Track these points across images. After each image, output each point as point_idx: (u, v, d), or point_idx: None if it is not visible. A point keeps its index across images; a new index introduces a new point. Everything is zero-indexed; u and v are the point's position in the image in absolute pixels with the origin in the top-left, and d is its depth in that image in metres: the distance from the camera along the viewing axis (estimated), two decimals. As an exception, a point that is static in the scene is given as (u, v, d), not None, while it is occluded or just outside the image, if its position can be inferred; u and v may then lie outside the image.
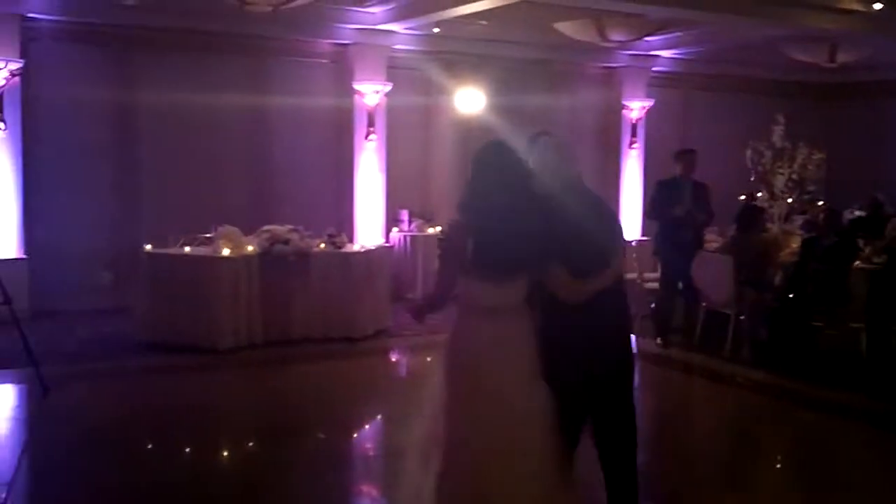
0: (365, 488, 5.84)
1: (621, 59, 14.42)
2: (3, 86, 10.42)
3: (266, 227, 9.61)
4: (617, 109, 14.82)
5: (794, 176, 10.80)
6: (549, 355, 4.10)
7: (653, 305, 10.36)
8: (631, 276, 10.57)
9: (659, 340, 9.61)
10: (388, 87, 12.71)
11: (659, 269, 10.06)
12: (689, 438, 7.06)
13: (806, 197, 11.07)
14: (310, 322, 9.50)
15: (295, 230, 9.61)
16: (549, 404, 4.04)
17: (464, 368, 4.06)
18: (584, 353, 4.15)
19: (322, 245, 9.76)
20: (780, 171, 10.78)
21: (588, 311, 4.13)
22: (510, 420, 3.99)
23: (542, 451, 4.04)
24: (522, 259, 4.03)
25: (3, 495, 5.40)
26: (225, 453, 6.63)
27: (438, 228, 11.94)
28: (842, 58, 12.12)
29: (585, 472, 6.00)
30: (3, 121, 10.46)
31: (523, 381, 4.05)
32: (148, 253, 9.36)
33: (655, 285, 10.19)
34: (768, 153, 10.85)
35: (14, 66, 10.45)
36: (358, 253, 9.91)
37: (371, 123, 12.68)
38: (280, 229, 9.54)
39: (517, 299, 4.08)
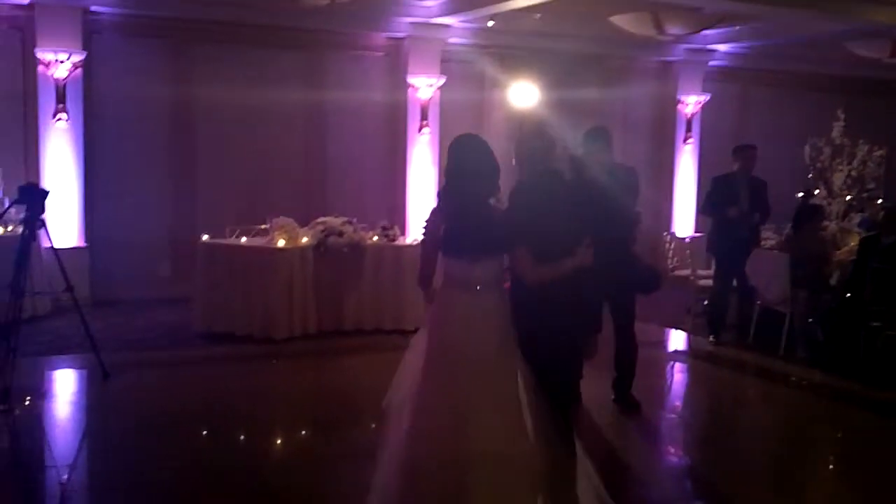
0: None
1: (677, 52, 14.30)
2: (66, 77, 10.63)
3: (320, 219, 9.69)
4: (672, 104, 14.70)
5: (853, 173, 10.63)
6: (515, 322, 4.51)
7: (705, 302, 10.29)
8: (683, 272, 10.52)
9: (711, 338, 9.54)
10: (442, 81, 12.75)
11: (713, 266, 9.97)
12: (741, 438, 7.00)
13: (865, 195, 10.87)
14: (362, 313, 9.58)
15: (349, 222, 9.68)
16: (518, 366, 4.39)
17: (443, 334, 4.47)
18: (537, 326, 4.50)
19: (375, 237, 9.83)
20: (840, 167, 10.62)
21: (544, 292, 4.48)
22: (482, 379, 4.33)
23: (513, 407, 4.34)
24: (487, 242, 4.44)
25: (66, 476, 5.56)
26: (278, 442, 6.70)
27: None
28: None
29: (642, 471, 6.05)
30: (65, 111, 10.67)
31: (494, 345, 4.41)
32: (205, 243, 9.49)
33: (709, 282, 10.11)
34: (827, 150, 10.69)
35: (77, 58, 10.67)
36: (410, 246, 9.92)
37: (424, 117, 12.74)
38: (334, 221, 9.62)
39: (490, 275, 4.48)
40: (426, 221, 4.67)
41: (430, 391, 4.38)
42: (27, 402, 7.02)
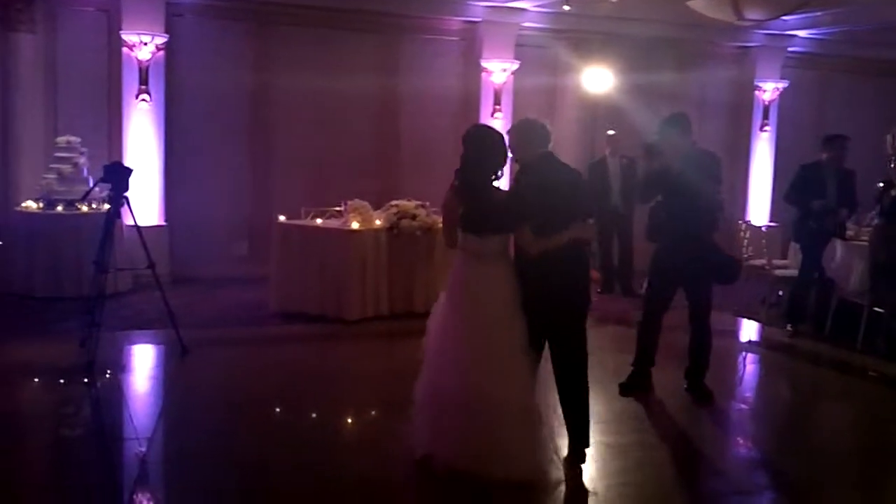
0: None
1: (755, 38, 14.05)
2: (149, 60, 10.86)
3: (394, 202, 9.77)
4: (749, 90, 14.45)
5: (935, 163, 10.32)
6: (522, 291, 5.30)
7: (780, 293, 10.13)
8: (758, 261, 10.37)
9: (789, 327, 9.39)
10: (516, 66, 12.71)
11: (799, 255, 9.75)
12: (814, 431, 6.91)
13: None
14: (433, 296, 9.52)
15: (422, 206, 9.74)
16: (523, 327, 5.22)
17: (460, 297, 5.29)
18: (539, 295, 5.27)
19: (448, 221, 9.85)
20: (922, 158, 10.32)
21: (544, 262, 5.22)
22: (492, 336, 5.17)
23: (516, 357, 5.18)
24: (496, 220, 5.25)
25: (143, 448, 5.68)
26: (349, 421, 6.78)
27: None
28: None
29: (713, 462, 6.01)
30: (148, 93, 10.91)
31: (502, 308, 5.22)
32: (281, 224, 9.64)
33: (785, 272, 9.95)
34: (909, 139, 10.40)
35: (159, 40, 10.89)
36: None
37: (497, 101, 12.73)
38: (407, 204, 9.69)
39: (498, 248, 5.31)
40: (444, 200, 5.41)
41: (449, 346, 5.25)
42: (108, 375, 7.20)
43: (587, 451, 5.54)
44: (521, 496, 5.07)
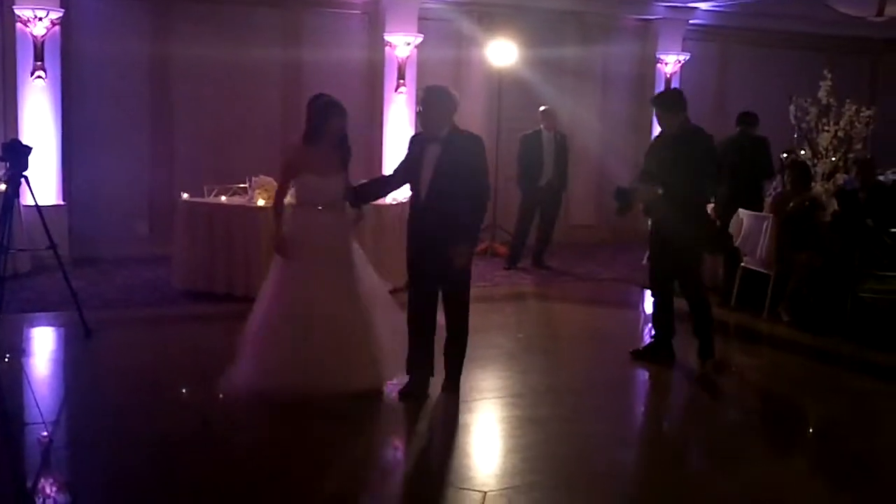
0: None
1: (657, 10, 14.24)
2: (44, 35, 10.48)
3: (302, 178, 9.63)
4: (651, 63, 14.65)
5: (840, 133, 10.55)
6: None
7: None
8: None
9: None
10: (420, 39, 12.63)
11: None
12: (722, 403, 7.04)
13: (851, 155, 10.70)
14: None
15: (330, 181, 9.61)
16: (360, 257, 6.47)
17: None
18: (419, 250, 6.16)
19: (354, 195, 9.74)
20: (826, 128, 10.54)
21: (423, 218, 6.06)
22: (325, 268, 6.24)
23: (349, 284, 6.27)
24: None
25: (46, 433, 5.50)
26: (257, 399, 6.62)
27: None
28: (891, 11, 11.58)
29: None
30: (43, 69, 10.53)
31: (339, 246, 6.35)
32: (185, 202, 9.43)
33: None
34: (813, 110, 10.62)
35: (55, 15, 10.53)
36: (391, 206, 9.88)
37: (402, 76, 12.61)
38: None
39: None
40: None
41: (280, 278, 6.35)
42: (9, 359, 6.95)
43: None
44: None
